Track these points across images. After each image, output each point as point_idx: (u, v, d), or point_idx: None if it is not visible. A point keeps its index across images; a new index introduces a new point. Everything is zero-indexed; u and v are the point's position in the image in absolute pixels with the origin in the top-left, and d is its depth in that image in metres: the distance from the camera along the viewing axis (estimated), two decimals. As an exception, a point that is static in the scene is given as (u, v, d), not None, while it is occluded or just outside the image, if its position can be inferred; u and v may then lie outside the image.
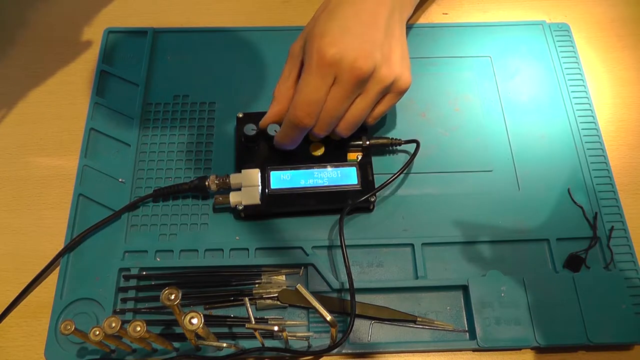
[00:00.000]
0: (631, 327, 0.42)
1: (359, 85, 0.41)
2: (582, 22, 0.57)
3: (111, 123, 0.50)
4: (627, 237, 0.46)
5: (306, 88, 0.41)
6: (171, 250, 0.45)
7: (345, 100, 0.41)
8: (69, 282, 0.44)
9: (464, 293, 0.44)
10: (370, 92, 0.42)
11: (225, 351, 0.40)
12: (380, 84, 0.42)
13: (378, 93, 0.43)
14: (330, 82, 0.41)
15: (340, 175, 0.46)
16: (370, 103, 0.43)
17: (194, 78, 0.52)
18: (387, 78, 0.42)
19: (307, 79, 0.41)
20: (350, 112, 0.43)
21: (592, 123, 0.51)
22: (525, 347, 0.42)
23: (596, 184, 0.48)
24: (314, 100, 0.41)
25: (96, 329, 0.34)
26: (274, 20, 0.57)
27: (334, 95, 0.41)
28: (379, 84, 0.42)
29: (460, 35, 0.55)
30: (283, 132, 0.44)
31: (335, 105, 0.41)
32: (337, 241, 0.45)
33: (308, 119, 0.41)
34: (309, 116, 0.41)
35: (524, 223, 0.46)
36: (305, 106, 0.41)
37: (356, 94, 0.42)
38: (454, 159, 0.49)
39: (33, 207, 0.47)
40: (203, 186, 0.45)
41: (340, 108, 0.42)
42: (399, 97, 0.45)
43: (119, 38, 0.55)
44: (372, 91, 0.42)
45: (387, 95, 0.44)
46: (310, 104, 0.41)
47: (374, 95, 0.43)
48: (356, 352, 0.42)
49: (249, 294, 0.43)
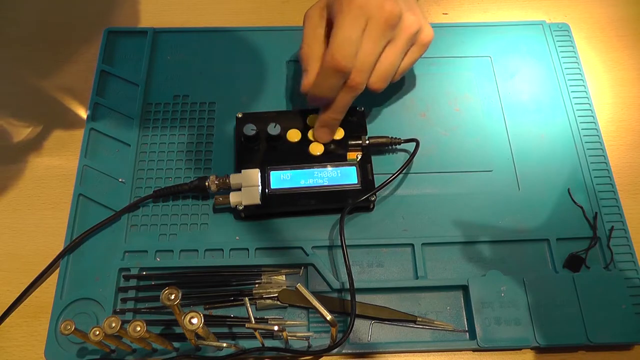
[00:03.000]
0: (631, 327, 0.42)
1: (389, 29, 0.42)
2: (582, 22, 0.57)
3: (111, 123, 0.50)
4: (627, 237, 0.46)
5: (341, 31, 0.41)
6: (171, 250, 0.45)
7: (375, 44, 0.42)
8: (69, 282, 0.44)
9: (464, 293, 0.44)
10: (399, 40, 0.43)
11: (225, 351, 0.40)
12: (408, 30, 0.43)
13: (406, 42, 0.43)
14: (363, 24, 0.41)
15: (340, 174, 0.46)
16: (400, 53, 0.44)
17: (194, 78, 0.52)
18: (414, 25, 0.43)
19: (340, 23, 0.41)
20: (381, 62, 0.43)
21: (592, 123, 0.51)
22: (525, 347, 0.42)
23: (596, 184, 0.48)
24: (351, 40, 0.41)
25: (96, 329, 0.34)
26: (274, 20, 0.57)
27: (367, 38, 0.41)
28: (406, 31, 0.43)
29: (460, 35, 0.55)
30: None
31: (370, 48, 0.42)
32: (337, 241, 0.45)
33: (346, 61, 0.41)
34: (347, 58, 0.41)
35: (524, 223, 0.46)
36: (342, 48, 0.41)
37: (386, 39, 0.42)
38: (454, 159, 0.49)
39: (33, 207, 0.47)
40: (203, 186, 0.45)
41: (374, 51, 0.42)
42: (423, 50, 0.46)
43: (119, 38, 0.55)
44: (400, 39, 0.43)
45: (412, 47, 0.45)
46: (347, 45, 0.41)
47: (402, 44, 0.43)
48: (356, 352, 0.42)
49: (249, 294, 0.43)
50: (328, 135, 0.46)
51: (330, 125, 0.46)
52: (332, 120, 0.45)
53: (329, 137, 0.47)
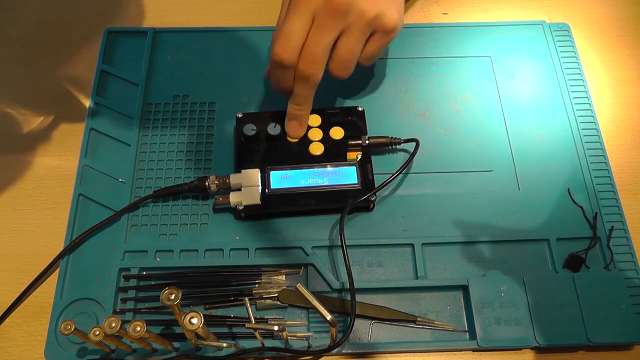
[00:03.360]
0: (631, 327, 0.42)
1: (336, 19, 0.41)
2: (582, 22, 0.57)
3: (111, 123, 0.50)
4: (627, 237, 0.46)
5: (283, 25, 0.42)
6: (171, 250, 0.45)
7: (323, 35, 0.42)
8: (69, 282, 0.44)
9: (464, 293, 0.44)
10: (353, 28, 0.42)
11: (225, 351, 0.40)
12: (361, 17, 0.42)
13: (362, 29, 0.42)
14: (308, 17, 0.41)
15: (340, 174, 0.46)
16: (356, 40, 0.43)
17: (194, 78, 0.52)
18: (369, 11, 0.42)
19: (285, 17, 0.42)
20: (337, 50, 0.43)
21: (592, 123, 0.51)
22: (525, 347, 0.42)
23: (596, 184, 0.48)
24: (290, 34, 0.41)
25: (96, 329, 0.34)
26: (274, 21, 0.56)
27: (312, 31, 0.41)
28: (360, 18, 0.42)
29: (460, 35, 0.55)
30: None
31: (316, 39, 0.42)
32: (337, 241, 0.45)
33: (285, 54, 0.41)
34: (286, 51, 0.41)
35: (524, 223, 0.46)
36: (282, 41, 0.41)
37: (336, 29, 0.42)
38: (454, 159, 0.49)
39: (33, 207, 0.47)
40: (203, 186, 0.45)
41: (321, 42, 0.42)
42: (387, 37, 0.45)
43: (119, 38, 0.55)
44: (354, 27, 0.42)
45: (374, 34, 0.44)
46: (286, 39, 0.41)
47: (357, 32, 0.42)
48: (356, 352, 0.42)
49: (249, 294, 0.43)
50: (298, 128, 0.47)
51: (297, 117, 0.46)
52: (298, 112, 0.45)
53: (299, 130, 0.47)
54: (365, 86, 0.43)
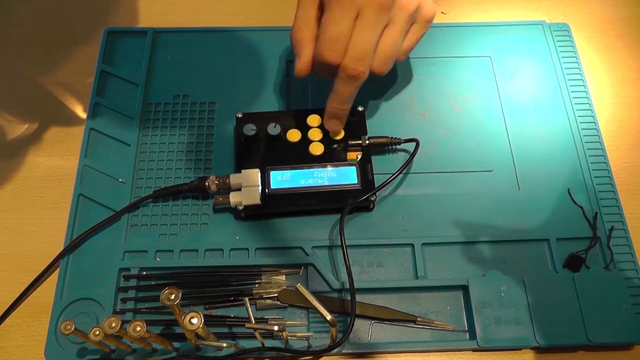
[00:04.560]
0: (631, 327, 0.42)
1: (382, 13, 0.41)
2: (582, 22, 0.57)
3: (111, 123, 0.50)
4: (627, 237, 0.46)
5: (330, 24, 0.40)
6: (171, 250, 0.45)
7: (370, 31, 0.41)
8: (69, 282, 0.44)
9: (464, 293, 0.44)
10: (397, 21, 0.42)
11: (225, 351, 0.40)
12: (405, 10, 0.42)
13: (405, 22, 0.42)
14: (353, 14, 0.40)
15: (340, 174, 0.46)
16: (399, 33, 0.43)
17: (194, 78, 0.52)
18: (411, 4, 0.42)
19: (329, 15, 0.41)
20: (380, 46, 0.42)
21: (592, 123, 0.51)
22: (525, 347, 0.42)
23: (596, 184, 0.48)
24: (337, 34, 0.40)
25: (96, 329, 0.34)
26: (274, 20, 0.57)
27: (358, 27, 0.41)
28: (404, 10, 0.42)
29: (460, 35, 0.55)
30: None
31: (365, 36, 0.41)
32: (337, 241, 0.45)
33: (334, 55, 0.41)
34: (333, 52, 0.41)
35: (524, 223, 0.46)
36: (328, 42, 0.41)
37: (382, 24, 0.41)
38: (454, 159, 0.49)
39: (33, 207, 0.47)
40: (203, 186, 0.45)
41: (370, 39, 0.41)
42: (425, 28, 0.45)
43: (119, 38, 0.55)
44: (398, 20, 0.42)
45: (413, 25, 0.44)
46: (333, 39, 0.40)
47: (401, 24, 0.42)
48: (356, 352, 0.42)
49: (249, 294, 0.43)
50: (338, 125, 0.46)
51: (338, 116, 0.45)
52: (340, 111, 0.45)
53: (338, 127, 0.46)
54: (365, 86, 0.43)
